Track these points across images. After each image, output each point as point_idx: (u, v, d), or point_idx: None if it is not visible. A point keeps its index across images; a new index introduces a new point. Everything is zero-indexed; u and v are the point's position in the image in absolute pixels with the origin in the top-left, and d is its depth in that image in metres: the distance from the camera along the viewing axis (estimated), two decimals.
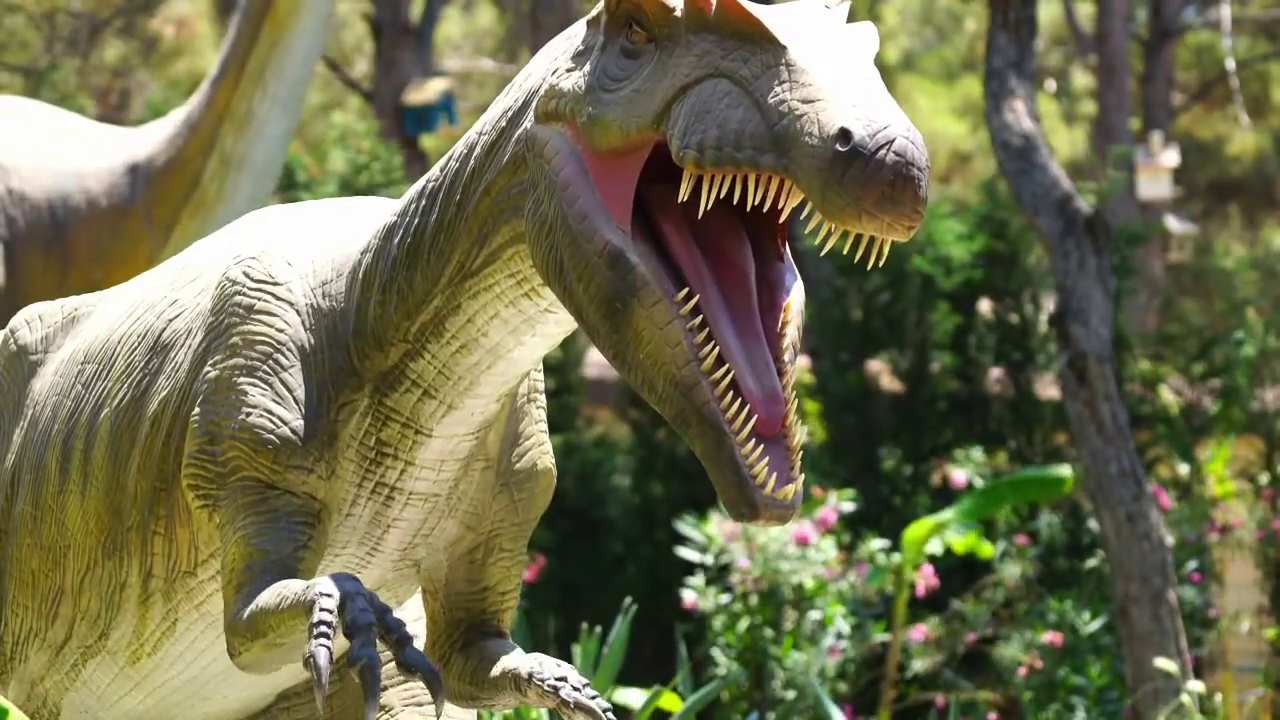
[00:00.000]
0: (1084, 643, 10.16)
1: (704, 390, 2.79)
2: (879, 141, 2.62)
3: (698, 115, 2.76)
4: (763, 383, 2.83)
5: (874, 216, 2.63)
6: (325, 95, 28.07)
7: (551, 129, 2.95)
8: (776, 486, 2.78)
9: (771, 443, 2.81)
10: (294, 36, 7.67)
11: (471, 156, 3.08)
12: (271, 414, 3.17)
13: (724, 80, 2.76)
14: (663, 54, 2.85)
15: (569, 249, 2.88)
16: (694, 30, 2.82)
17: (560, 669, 3.17)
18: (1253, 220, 29.57)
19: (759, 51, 2.75)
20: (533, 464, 3.36)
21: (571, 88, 2.93)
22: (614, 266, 2.84)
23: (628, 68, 2.89)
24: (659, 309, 2.82)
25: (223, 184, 7.77)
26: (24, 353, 3.73)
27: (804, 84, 2.69)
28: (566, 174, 2.90)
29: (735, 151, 2.71)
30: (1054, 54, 29.58)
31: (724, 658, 9.84)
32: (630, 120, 2.84)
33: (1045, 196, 9.06)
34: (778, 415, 2.82)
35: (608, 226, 2.85)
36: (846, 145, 2.62)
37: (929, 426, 12.43)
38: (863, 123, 2.63)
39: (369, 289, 3.19)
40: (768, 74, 2.73)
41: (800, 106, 2.67)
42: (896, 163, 2.62)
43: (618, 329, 2.85)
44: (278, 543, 3.14)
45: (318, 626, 2.90)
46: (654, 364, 2.82)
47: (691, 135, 2.75)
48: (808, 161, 2.64)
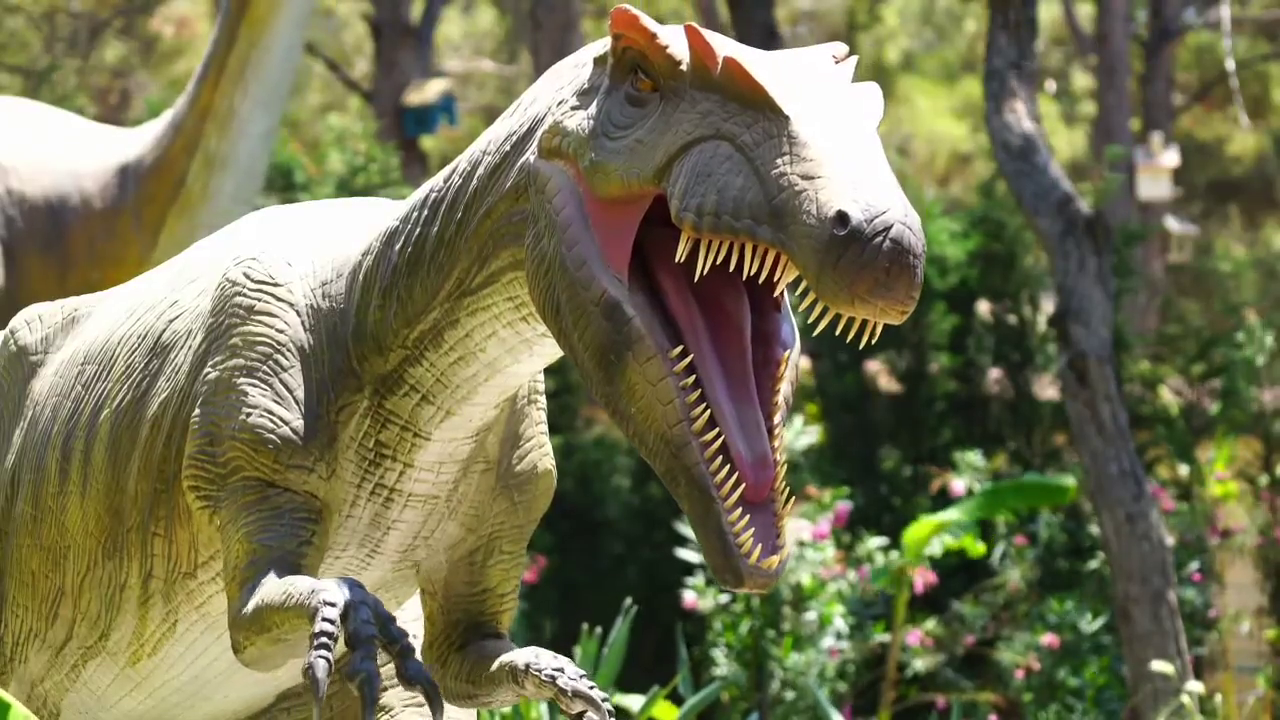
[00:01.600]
0: (1084, 643, 10.16)
1: (694, 451, 2.78)
2: (876, 228, 2.60)
3: (698, 177, 2.73)
4: (753, 447, 2.81)
5: (867, 302, 2.62)
6: (325, 96, 28.08)
7: (554, 166, 2.93)
8: (762, 556, 2.77)
9: (758, 509, 2.80)
10: (272, 35, 7.67)
11: (474, 175, 3.07)
12: (272, 414, 3.17)
13: (725, 144, 2.74)
14: (667, 105, 2.82)
15: (566, 292, 2.86)
16: (698, 86, 2.80)
17: (558, 660, 3.17)
18: (1253, 221, 29.58)
19: (761, 118, 2.72)
20: (533, 465, 3.35)
21: (576, 128, 2.91)
22: (610, 317, 2.82)
23: (631, 115, 2.86)
24: (653, 365, 2.81)
25: (207, 184, 7.77)
26: (24, 353, 3.73)
27: (805, 158, 2.67)
28: (567, 214, 2.88)
29: (734, 220, 2.69)
30: (1054, 54, 29.59)
31: (724, 658, 9.84)
32: (632, 171, 2.82)
33: (1045, 197, 9.06)
34: (766, 481, 2.81)
35: (605, 275, 2.83)
36: (843, 229, 2.60)
37: (928, 427, 12.43)
38: (861, 206, 2.61)
39: (369, 292, 3.18)
40: (769, 143, 2.70)
41: (800, 182, 2.65)
42: (892, 250, 2.60)
43: (611, 380, 2.84)
44: (280, 538, 3.14)
45: (319, 637, 2.90)
46: (645, 419, 2.81)
47: (691, 198, 2.72)
48: (804, 241, 2.62)
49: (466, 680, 3.30)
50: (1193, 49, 27.56)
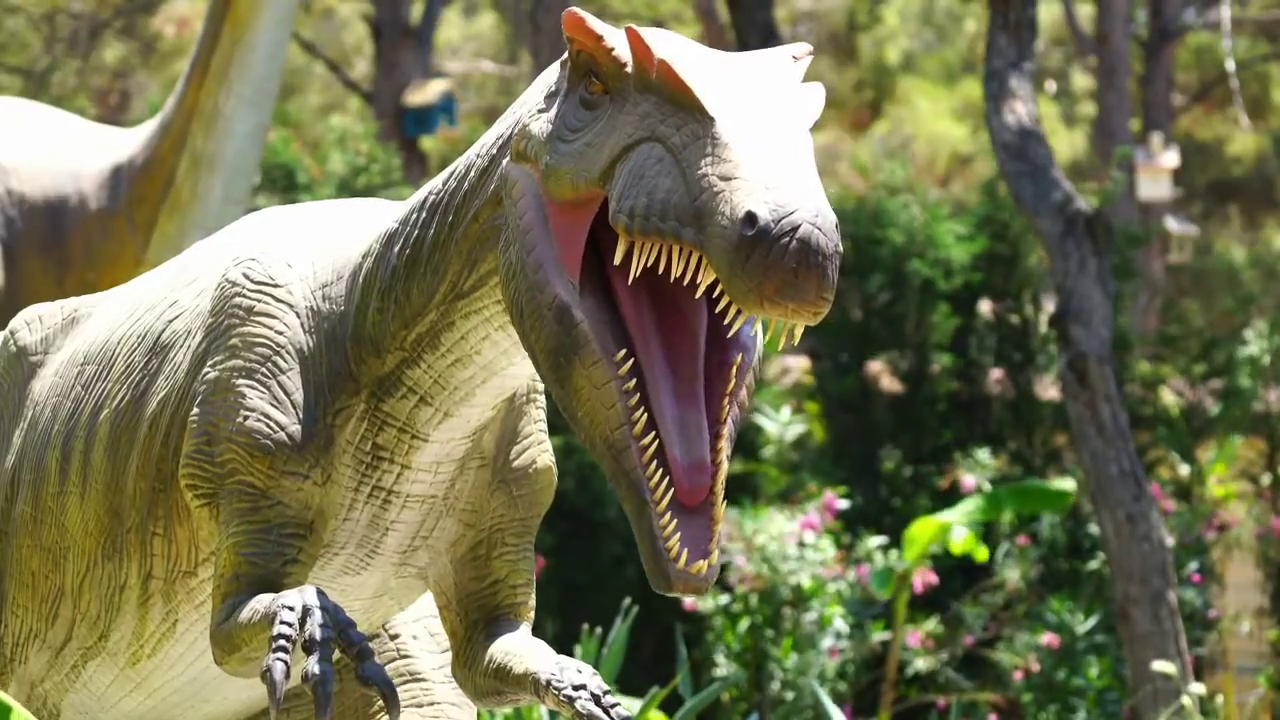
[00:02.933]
0: (1084, 644, 10.16)
1: (632, 455, 2.79)
2: (783, 228, 2.59)
3: (633, 179, 2.74)
4: (691, 451, 2.81)
5: (776, 304, 2.60)
6: (325, 96, 28.08)
7: (522, 169, 2.95)
8: (690, 560, 2.77)
9: (692, 514, 2.79)
10: (256, 33, 7.66)
11: (466, 179, 3.08)
12: (269, 418, 3.17)
13: (658, 145, 2.74)
14: (614, 108, 2.83)
15: (525, 295, 2.87)
16: (640, 89, 2.81)
17: (580, 676, 3.14)
18: (1253, 221, 29.58)
19: (690, 120, 2.73)
20: (532, 461, 3.35)
21: (538, 131, 2.93)
22: (560, 321, 2.83)
23: (584, 119, 2.87)
24: (597, 369, 2.81)
25: (195, 184, 7.77)
26: (24, 354, 3.73)
27: (725, 159, 2.66)
28: (528, 219, 2.90)
29: (660, 222, 2.69)
30: (1054, 55, 29.59)
31: (724, 659, 9.84)
32: (580, 174, 2.83)
33: (1046, 198, 9.06)
34: (701, 485, 2.80)
35: (559, 279, 2.84)
36: (751, 229, 2.59)
37: (929, 427, 12.43)
38: (770, 206, 2.60)
39: (369, 294, 3.18)
40: (695, 144, 2.70)
41: (718, 183, 2.65)
42: (799, 250, 2.58)
43: (561, 384, 2.85)
44: (266, 555, 3.14)
45: (276, 640, 2.92)
46: (591, 423, 2.82)
47: (625, 200, 2.74)
48: (718, 242, 2.62)
49: (494, 678, 3.28)
50: (1193, 49, 27.56)
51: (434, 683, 3.65)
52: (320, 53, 23.67)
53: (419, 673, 3.66)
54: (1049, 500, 10.59)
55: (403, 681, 3.64)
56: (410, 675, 3.65)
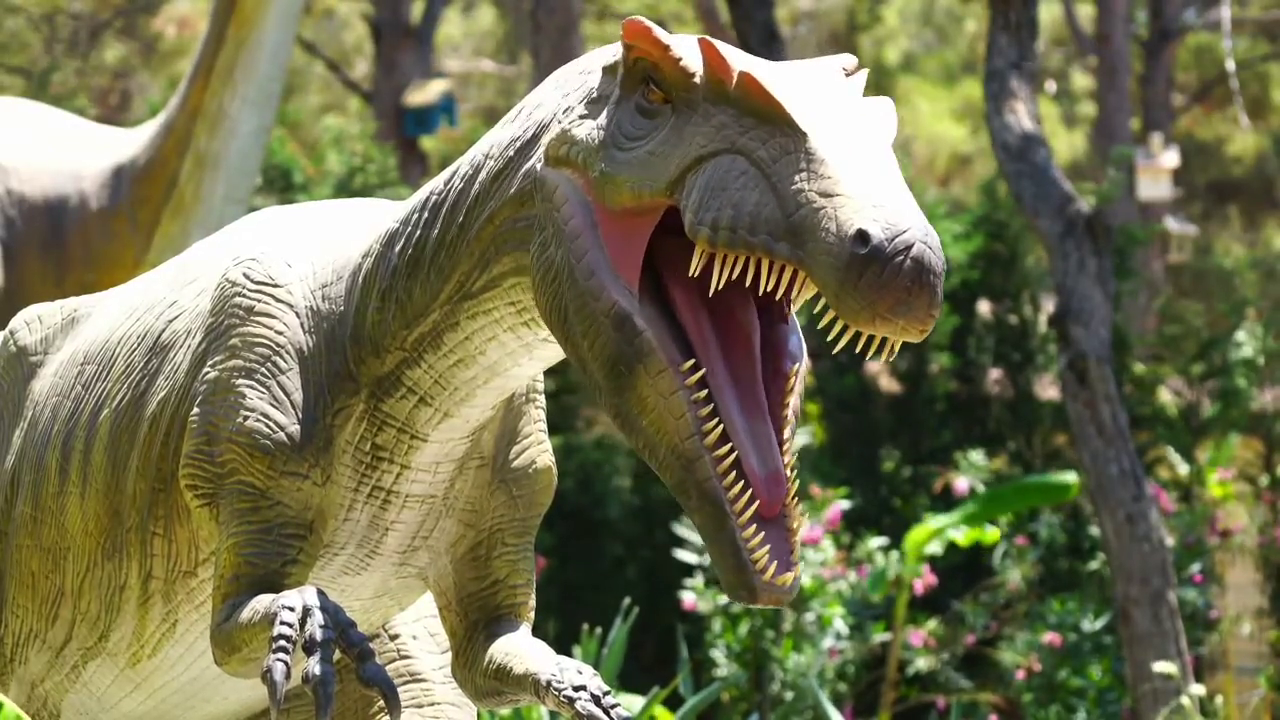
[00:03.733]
0: (1084, 644, 10.17)
1: (706, 466, 2.77)
2: (897, 246, 2.59)
3: (713, 191, 2.72)
4: (766, 462, 2.81)
5: (888, 321, 2.61)
6: (325, 96, 28.08)
7: (561, 174, 2.92)
8: (777, 573, 2.77)
9: (772, 525, 2.79)
10: (260, 34, 7.67)
11: (476, 180, 3.06)
12: (269, 418, 3.17)
13: (740, 158, 2.73)
14: (679, 118, 2.81)
15: (575, 301, 2.85)
16: (712, 100, 2.79)
17: (580, 677, 3.13)
18: (1253, 221, 29.58)
19: (778, 134, 2.71)
20: (531, 461, 3.35)
21: (585, 138, 2.90)
22: (620, 329, 2.82)
23: (643, 127, 2.85)
24: (664, 378, 2.80)
25: (199, 184, 7.77)
26: (24, 354, 3.73)
27: (823, 175, 2.66)
28: (575, 224, 2.87)
29: (749, 235, 2.68)
30: (1054, 55, 29.59)
31: (724, 659, 9.84)
32: (644, 184, 2.81)
33: (1045, 198, 9.06)
34: (779, 497, 2.80)
35: (615, 286, 2.83)
36: (864, 247, 2.59)
37: (928, 428, 12.44)
38: (881, 225, 2.60)
39: (368, 294, 3.18)
40: (786, 159, 2.69)
41: (818, 199, 2.64)
42: (914, 268, 2.60)
43: (621, 391, 2.83)
44: (266, 556, 3.14)
45: (277, 640, 2.92)
46: (656, 432, 2.80)
47: (705, 211, 2.71)
48: (824, 259, 2.61)
49: (494, 678, 3.28)
50: (1193, 49, 27.56)
51: (434, 683, 3.65)
52: (320, 53, 23.67)
53: (419, 673, 3.65)
54: (1050, 494, 10.57)
55: (403, 682, 3.64)
56: (410, 676, 3.65)
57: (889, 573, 10.09)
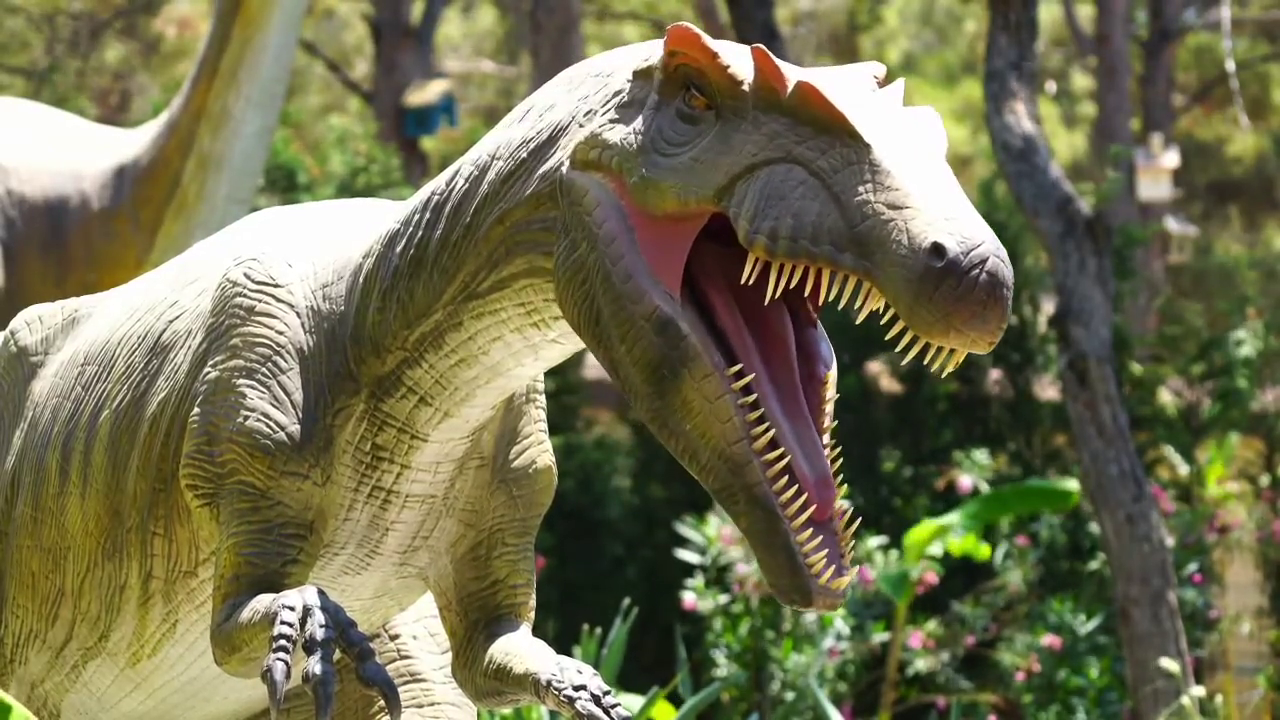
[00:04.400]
0: (1084, 644, 10.17)
1: (756, 471, 2.77)
2: (973, 260, 2.61)
3: (769, 200, 2.71)
4: (814, 466, 2.81)
5: (961, 333, 2.62)
6: (325, 97, 28.09)
7: (591, 178, 2.91)
8: (832, 577, 2.77)
9: (824, 529, 2.79)
10: (265, 35, 7.67)
11: (484, 180, 3.05)
12: (269, 418, 3.17)
13: (798, 168, 2.72)
14: (724, 125, 2.81)
15: (611, 305, 2.84)
16: (763, 108, 2.78)
17: (580, 676, 3.13)
18: (1253, 222, 29.59)
19: (838, 144, 2.71)
20: (531, 461, 3.35)
21: (620, 142, 2.88)
22: (662, 333, 2.81)
23: (685, 133, 2.84)
24: (710, 382, 2.79)
25: (202, 185, 7.77)
26: (24, 354, 3.73)
27: (890, 187, 2.66)
28: (610, 228, 2.86)
29: (812, 245, 2.68)
30: (1054, 56, 29.59)
31: (724, 659, 9.84)
32: (690, 190, 2.80)
33: (1045, 198, 9.06)
34: (829, 500, 2.80)
35: (656, 290, 2.82)
36: (940, 261, 2.60)
37: (928, 428, 12.44)
38: (957, 239, 2.61)
39: (369, 294, 3.18)
40: (849, 170, 2.69)
41: (886, 211, 2.64)
42: (989, 282, 2.61)
43: (663, 395, 2.82)
44: (266, 556, 3.14)
45: (277, 640, 2.92)
46: (701, 436, 2.80)
47: (763, 220, 2.71)
48: (895, 271, 2.62)
49: (494, 678, 3.28)
50: (1193, 50, 27.56)
51: (434, 683, 3.65)
52: (320, 53, 23.67)
53: (419, 673, 3.66)
54: (1052, 500, 10.59)
55: (403, 682, 3.64)
56: (410, 675, 3.65)
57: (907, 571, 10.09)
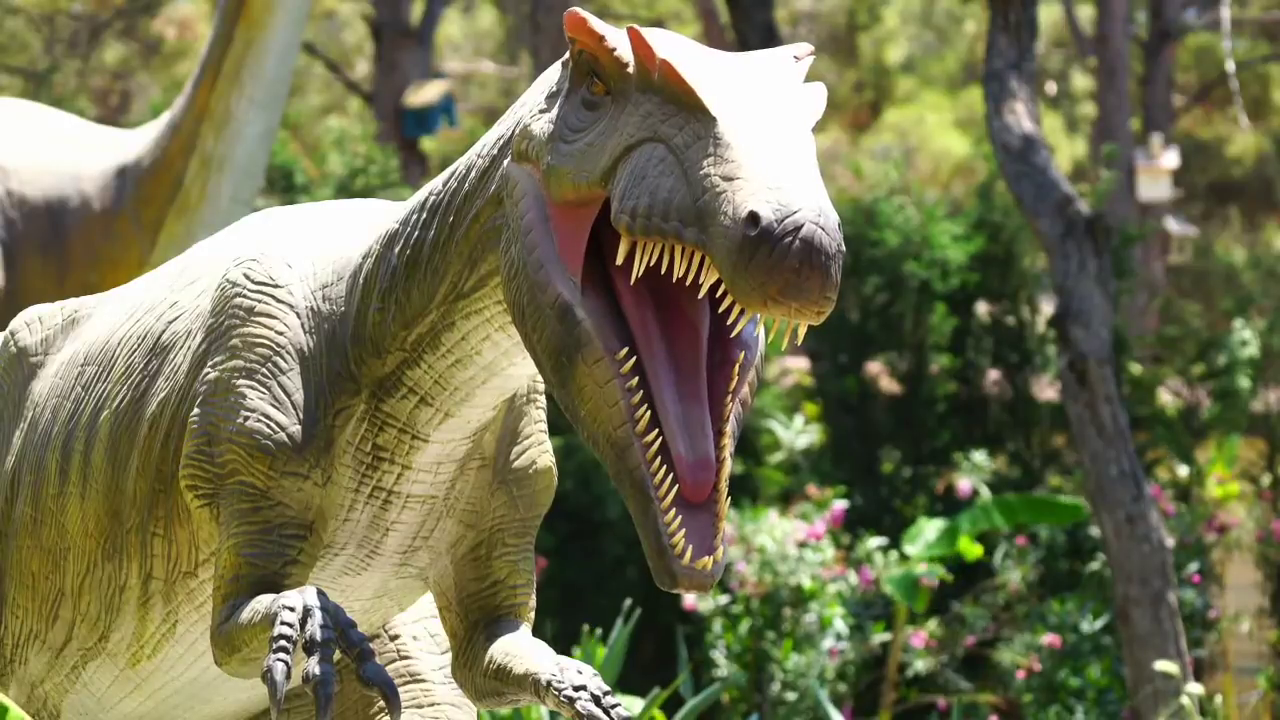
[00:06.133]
0: (1084, 644, 10.16)
1: (635, 453, 2.79)
2: (786, 228, 2.60)
3: (635, 179, 2.75)
4: (695, 448, 2.81)
5: (780, 303, 2.61)
6: (325, 97, 28.08)
7: (523, 170, 2.95)
8: (694, 557, 2.77)
9: (696, 510, 2.80)
10: (269, 36, 7.67)
11: (467, 179, 3.08)
12: (269, 419, 3.17)
13: (660, 146, 2.75)
14: (616, 109, 2.84)
15: (526, 295, 2.88)
16: (642, 89, 2.81)
17: (581, 677, 3.14)
18: (1253, 222, 29.58)
19: (692, 120, 2.73)
20: (532, 462, 3.35)
21: (539, 132, 2.93)
22: (563, 320, 2.84)
23: (586, 119, 2.88)
24: (600, 367, 2.81)
25: (205, 185, 7.77)
26: (24, 355, 3.73)
27: (727, 159, 2.67)
28: (529, 219, 2.90)
29: (662, 222, 2.70)
30: (1054, 56, 29.58)
31: (724, 660, 9.84)
32: (581, 175, 2.83)
33: (1045, 198, 9.05)
34: (705, 482, 2.81)
35: (561, 278, 2.85)
36: (754, 229, 2.60)
37: (927, 428, 12.43)
38: (773, 206, 2.60)
39: (369, 295, 3.18)
40: (698, 144, 2.71)
41: (720, 183, 2.65)
42: (802, 249, 2.59)
43: (564, 383, 2.85)
44: (267, 556, 3.15)
45: (277, 640, 2.93)
46: (594, 421, 2.83)
47: (627, 200, 2.74)
48: (720, 242, 2.63)
49: (494, 678, 3.29)
50: (1192, 50, 27.56)
51: (434, 683, 3.65)
52: (320, 53, 23.67)
53: (419, 674, 3.66)
54: (1060, 514, 10.62)
55: (403, 682, 3.64)
56: (410, 676, 3.65)
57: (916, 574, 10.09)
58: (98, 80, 25.29)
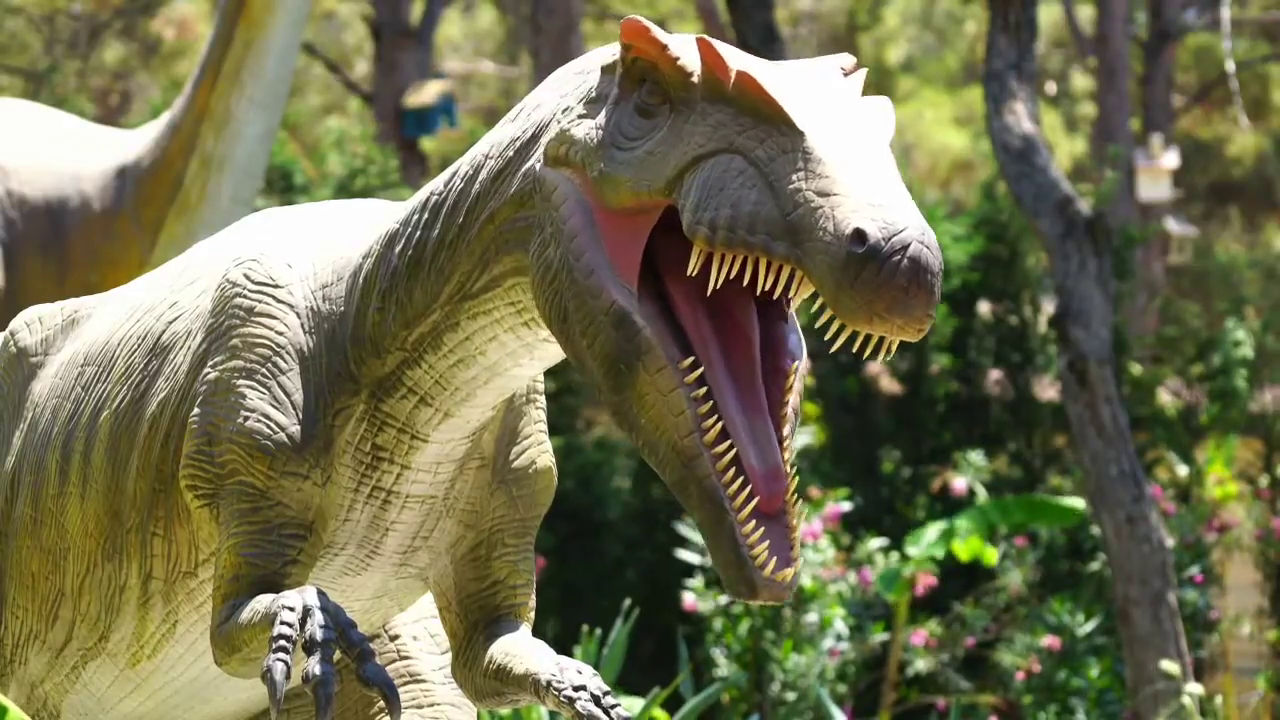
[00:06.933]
0: (1084, 645, 10.16)
1: (705, 463, 2.79)
2: (894, 246, 2.61)
3: (710, 191, 2.73)
4: (765, 458, 2.82)
5: (885, 320, 2.63)
6: (325, 97, 28.09)
7: (560, 174, 2.93)
8: (776, 568, 2.78)
9: (771, 521, 2.81)
10: (269, 36, 7.67)
11: (477, 180, 3.06)
12: (269, 419, 3.17)
13: (738, 158, 2.74)
14: (678, 117, 2.82)
15: (574, 300, 2.86)
16: (710, 99, 2.80)
17: (581, 677, 3.14)
18: (1253, 222, 29.58)
19: (775, 133, 2.72)
20: (531, 462, 3.35)
21: (584, 137, 2.91)
22: (619, 327, 2.83)
23: (642, 127, 2.86)
24: (663, 375, 2.81)
25: (204, 185, 7.77)
26: (24, 355, 3.73)
27: (820, 174, 2.67)
28: (574, 224, 2.88)
29: (748, 235, 2.69)
30: (1054, 56, 29.59)
31: (724, 660, 9.83)
32: (642, 183, 2.82)
33: (1045, 199, 9.05)
34: (778, 492, 2.81)
35: (614, 285, 2.84)
36: (861, 247, 2.60)
37: (928, 429, 12.43)
38: (879, 224, 2.61)
39: (369, 295, 3.18)
40: (784, 158, 2.70)
41: (815, 199, 2.65)
42: (910, 268, 2.61)
43: (620, 389, 2.84)
44: (267, 556, 3.15)
45: (277, 640, 2.93)
46: (656, 429, 2.82)
47: (704, 211, 2.73)
48: (821, 258, 2.63)
49: (494, 678, 3.29)
50: (1192, 50, 27.56)
51: (434, 684, 3.65)
52: (320, 54, 23.67)
53: (419, 674, 3.66)
54: (1058, 516, 10.62)
55: (403, 682, 3.64)
56: (410, 676, 3.65)
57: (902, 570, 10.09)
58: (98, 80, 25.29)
